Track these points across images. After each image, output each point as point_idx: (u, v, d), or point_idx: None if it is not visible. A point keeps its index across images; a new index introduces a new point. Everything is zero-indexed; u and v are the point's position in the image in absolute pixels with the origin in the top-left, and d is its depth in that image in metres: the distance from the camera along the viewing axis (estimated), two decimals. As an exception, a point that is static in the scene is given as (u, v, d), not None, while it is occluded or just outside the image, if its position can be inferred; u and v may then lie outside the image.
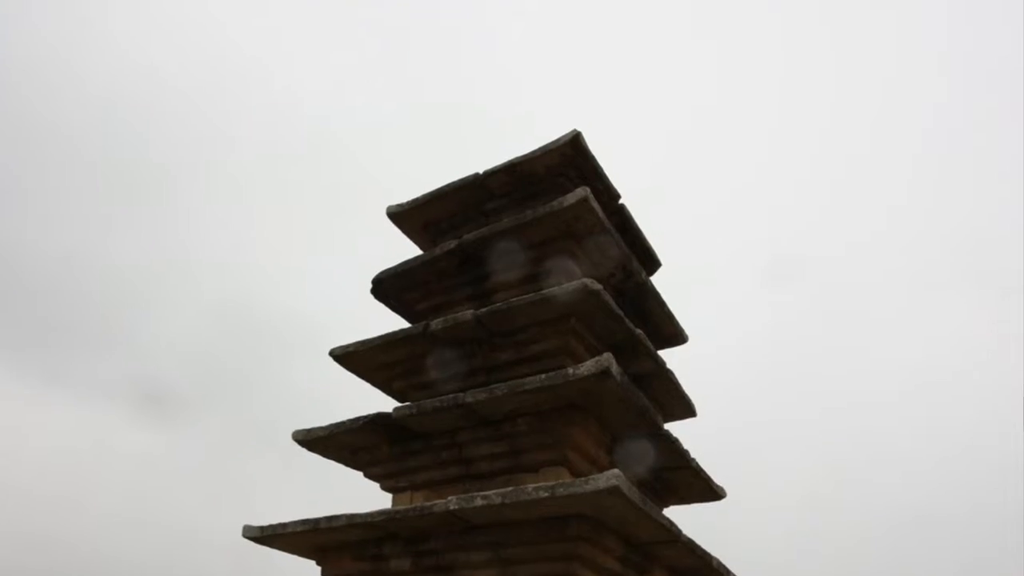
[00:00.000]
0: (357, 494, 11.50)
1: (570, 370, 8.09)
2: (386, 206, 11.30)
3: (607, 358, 7.95)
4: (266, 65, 45.17)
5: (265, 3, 46.28)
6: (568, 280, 8.98)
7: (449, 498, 8.07)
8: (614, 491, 7.03)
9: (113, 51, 41.27)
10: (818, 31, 44.99)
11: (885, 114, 43.64)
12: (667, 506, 10.66)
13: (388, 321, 11.10)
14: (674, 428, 9.92)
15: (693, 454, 9.80)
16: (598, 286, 8.71)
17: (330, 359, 10.58)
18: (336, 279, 39.73)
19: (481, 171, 10.76)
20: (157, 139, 41.66)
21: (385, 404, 10.17)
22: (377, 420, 9.50)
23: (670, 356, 10.72)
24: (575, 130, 10.16)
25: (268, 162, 44.95)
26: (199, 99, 43.87)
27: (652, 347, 9.93)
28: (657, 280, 10.98)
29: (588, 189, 9.31)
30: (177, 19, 43.33)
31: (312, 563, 9.87)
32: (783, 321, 40.36)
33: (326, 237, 45.71)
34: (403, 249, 11.77)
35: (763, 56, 46.38)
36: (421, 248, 11.50)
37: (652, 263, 11.55)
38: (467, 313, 9.46)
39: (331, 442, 10.07)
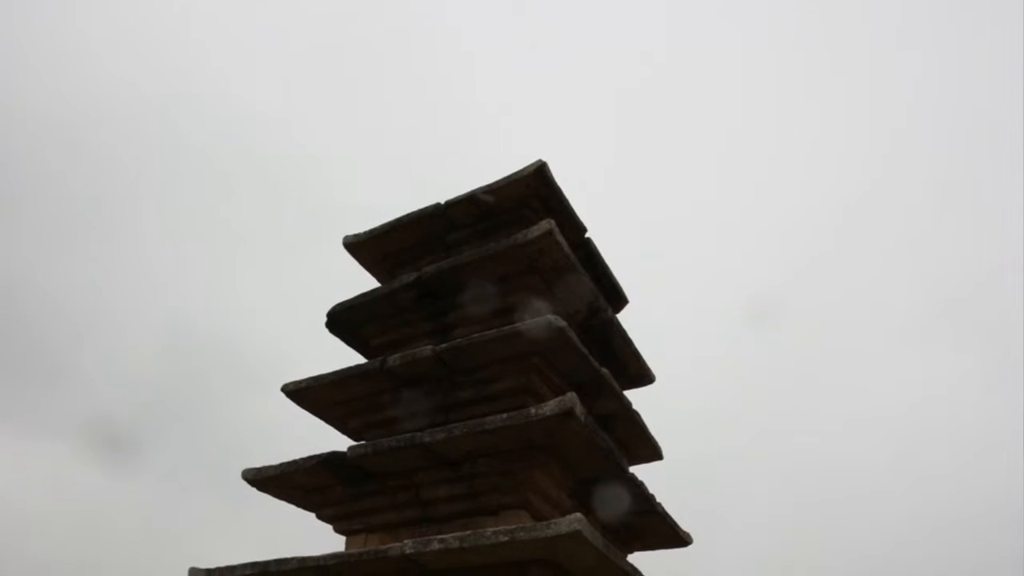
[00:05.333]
0: (310, 536, 11.12)
1: (532, 410, 7.87)
2: (343, 236, 11.02)
3: (571, 398, 7.73)
4: (221, 89, 44.80)
5: (235, 33, 45.97)
6: (532, 316, 8.77)
7: (405, 541, 7.81)
8: (576, 536, 6.86)
9: (50, 68, 40.52)
10: (815, 77, 45.50)
11: (869, 159, 44.08)
12: (631, 552, 10.41)
13: (347, 356, 10.80)
14: (640, 471, 9.67)
15: (659, 498, 9.59)
16: (563, 323, 8.49)
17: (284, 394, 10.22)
18: (292, 311, 39.26)
19: (443, 201, 10.52)
20: (102, 165, 40.85)
21: (341, 443, 9.86)
22: (331, 460, 9.21)
23: (636, 397, 10.47)
24: (540, 160, 9.96)
25: (220, 190, 44.35)
26: (147, 126, 43.25)
27: (618, 387, 9.71)
28: (624, 318, 10.76)
29: (553, 222, 9.10)
30: (126, 37, 42.69)
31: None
32: (756, 366, 40.40)
33: (280, 267, 45.26)
34: (360, 281, 11.46)
35: (747, 92, 46.69)
36: (379, 280, 11.21)
37: (619, 300, 11.35)
38: (426, 349, 9.19)
39: (283, 482, 9.74)
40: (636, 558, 10.24)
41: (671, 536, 10.22)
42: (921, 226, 42.35)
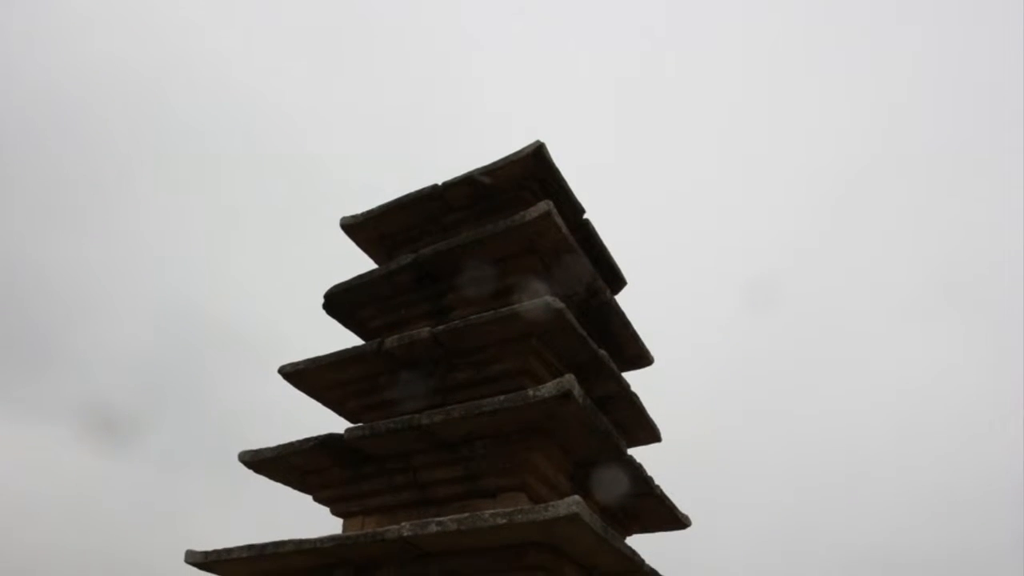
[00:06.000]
0: (308, 518, 11.09)
1: (530, 392, 7.80)
2: (340, 217, 10.94)
3: (569, 380, 7.67)
4: (219, 68, 44.46)
5: (230, 11, 45.65)
6: (530, 298, 8.70)
7: (402, 524, 7.77)
8: (574, 518, 6.80)
9: (43, 45, 40.15)
10: (815, 52, 45.24)
11: (868, 134, 43.83)
12: (630, 534, 10.37)
13: (345, 337, 10.74)
14: (638, 453, 9.63)
15: (658, 481, 9.54)
16: (561, 304, 8.41)
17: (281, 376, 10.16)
18: (289, 291, 39.08)
19: (440, 182, 10.44)
20: (96, 142, 40.58)
21: (339, 424, 9.82)
22: (328, 442, 9.15)
23: (635, 378, 10.43)
24: (538, 141, 9.87)
25: (216, 168, 44.04)
26: (141, 103, 42.92)
27: (616, 369, 9.64)
28: (623, 299, 10.70)
29: (551, 203, 9.03)
30: (120, 14, 42.32)
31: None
32: (755, 346, 40.31)
33: (277, 247, 45.05)
34: (359, 262, 11.38)
35: (752, 73, 46.46)
36: (377, 262, 11.15)
37: (617, 281, 11.28)
38: (424, 331, 9.13)
39: (279, 464, 9.69)
40: (635, 540, 10.21)
41: (670, 518, 10.19)
42: (921, 202, 42.33)
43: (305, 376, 10.07)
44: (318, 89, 47.58)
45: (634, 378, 10.44)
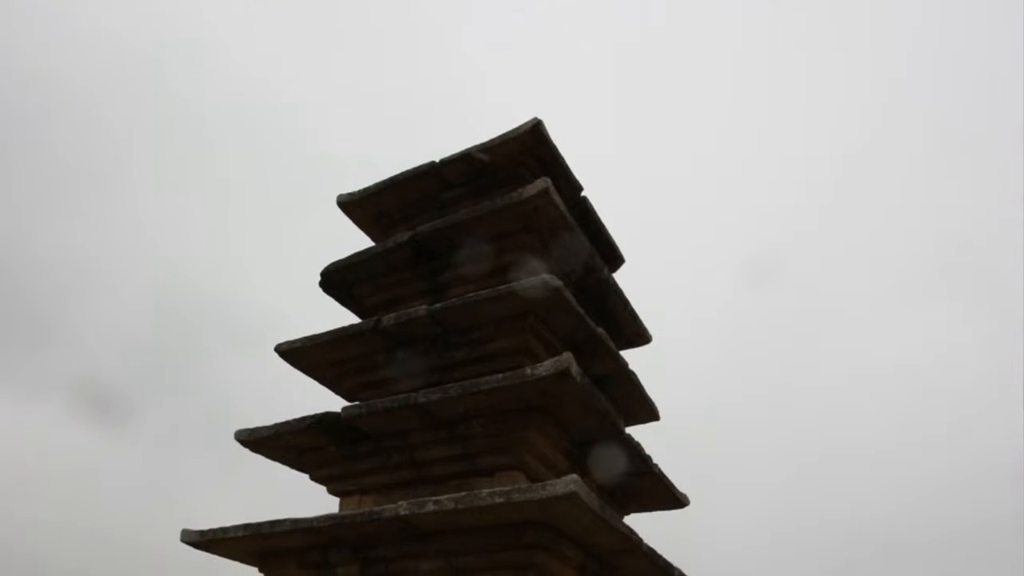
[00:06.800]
0: (304, 497, 11.07)
1: (528, 370, 7.76)
2: (337, 194, 10.87)
3: (567, 358, 7.62)
4: (213, 46, 44.23)
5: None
6: (527, 276, 8.64)
7: (399, 503, 7.73)
8: (572, 497, 6.76)
9: (39, 19, 39.69)
10: (815, 27, 45.01)
11: (868, 109, 43.68)
12: (628, 513, 10.35)
13: (341, 315, 10.69)
14: (636, 432, 9.58)
15: (656, 460, 9.51)
16: (558, 282, 8.36)
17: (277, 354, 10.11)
18: (286, 268, 38.96)
19: (438, 159, 10.37)
20: (91, 117, 40.24)
21: (335, 403, 9.78)
22: (324, 420, 9.11)
23: (633, 357, 10.38)
24: (536, 118, 9.81)
25: (212, 144, 43.74)
26: (137, 77, 42.61)
27: (614, 347, 9.60)
28: (621, 277, 10.65)
29: (549, 180, 8.97)
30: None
31: (255, 571, 9.44)
32: (754, 324, 40.27)
33: (274, 224, 44.88)
34: (355, 241, 11.32)
35: (752, 49, 46.28)
36: (373, 240, 11.09)
37: (615, 259, 11.23)
38: (420, 309, 9.08)
39: (276, 443, 9.65)
40: (633, 520, 10.20)
41: (668, 497, 10.16)
42: (921, 177, 42.18)
43: (302, 354, 10.01)
44: (316, 68, 47.41)
45: (632, 356, 10.41)
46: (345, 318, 10.37)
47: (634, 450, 9.15)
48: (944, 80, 42.30)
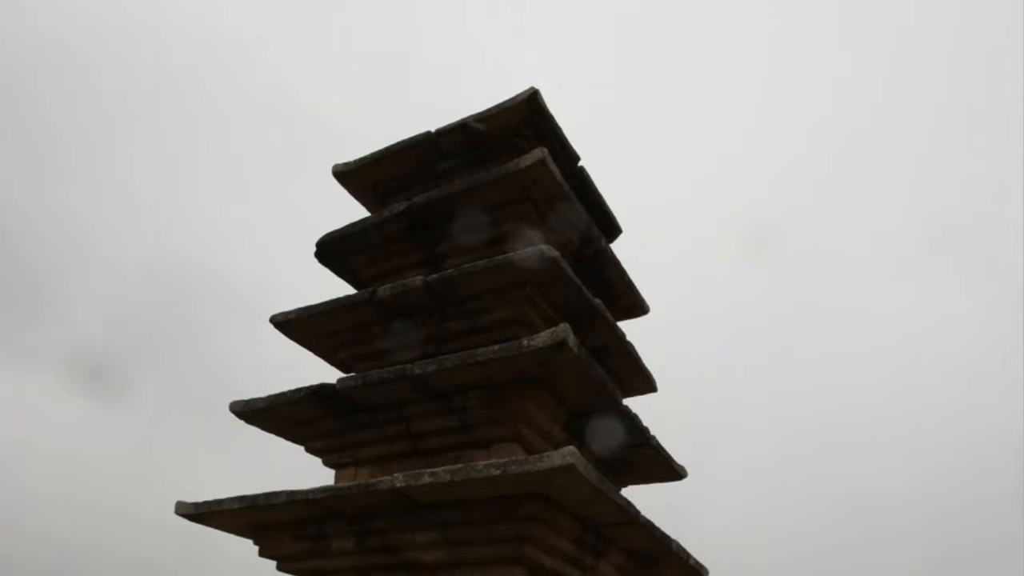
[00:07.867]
0: (300, 469, 11.03)
1: (524, 341, 7.70)
2: (332, 164, 10.77)
3: (564, 329, 7.56)
4: (210, 16, 43.93)
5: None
6: (524, 246, 8.56)
7: (395, 475, 7.67)
8: (569, 469, 6.72)
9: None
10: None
11: (872, 86, 43.52)
12: (625, 486, 10.35)
13: (337, 286, 10.62)
14: (634, 404, 9.56)
15: (653, 431, 9.47)
16: (555, 253, 8.29)
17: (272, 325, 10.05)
18: (281, 239, 38.79)
19: (433, 129, 10.26)
20: (85, 87, 40.03)
21: (331, 374, 9.72)
22: (320, 391, 9.05)
23: (631, 328, 10.32)
24: (533, 88, 9.69)
25: (207, 114, 43.53)
26: (132, 48, 42.30)
27: (611, 318, 9.54)
28: (619, 247, 10.58)
29: (546, 150, 8.88)
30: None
31: (251, 543, 9.41)
32: (753, 295, 40.25)
33: (269, 194, 44.73)
34: (351, 211, 11.23)
35: (750, 21, 46.00)
36: (369, 210, 11.01)
37: (613, 229, 11.15)
38: (416, 279, 9.01)
39: (271, 414, 9.60)
40: (631, 491, 10.17)
41: (666, 469, 10.15)
42: (920, 151, 42.11)
43: (297, 325, 9.95)
44: (312, 36, 47.10)
45: (630, 327, 10.34)
46: (341, 289, 10.32)
47: (632, 422, 9.12)
48: (942, 50, 42.17)
